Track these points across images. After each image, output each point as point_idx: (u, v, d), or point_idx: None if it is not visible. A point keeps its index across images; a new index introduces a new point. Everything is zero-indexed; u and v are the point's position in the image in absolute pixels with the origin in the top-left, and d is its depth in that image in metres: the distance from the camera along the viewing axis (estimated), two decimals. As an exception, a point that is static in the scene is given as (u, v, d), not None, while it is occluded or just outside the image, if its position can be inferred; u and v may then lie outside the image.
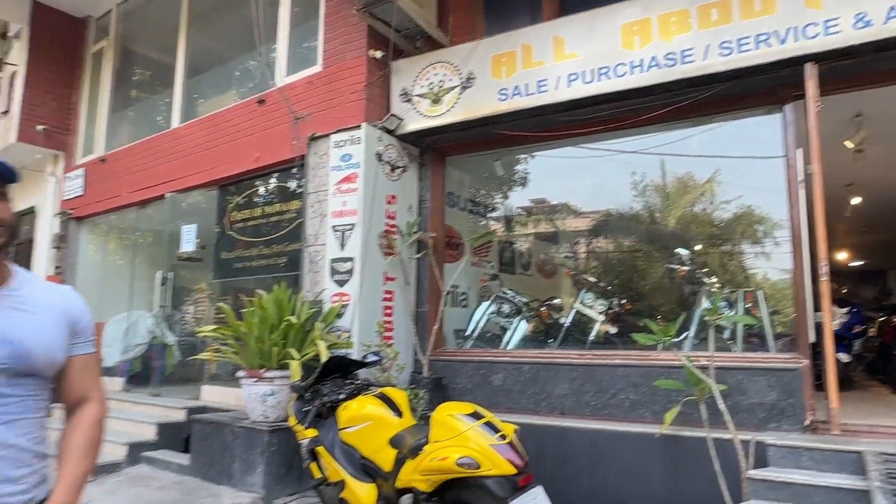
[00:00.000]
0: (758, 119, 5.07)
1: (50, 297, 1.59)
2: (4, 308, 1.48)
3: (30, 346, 1.47)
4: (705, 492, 4.17)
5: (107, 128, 9.79)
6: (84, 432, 1.62)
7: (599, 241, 7.86)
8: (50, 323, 1.54)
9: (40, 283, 1.63)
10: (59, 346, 1.55)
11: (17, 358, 1.45)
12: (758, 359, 4.62)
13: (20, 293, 1.53)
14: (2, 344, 1.43)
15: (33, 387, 1.50)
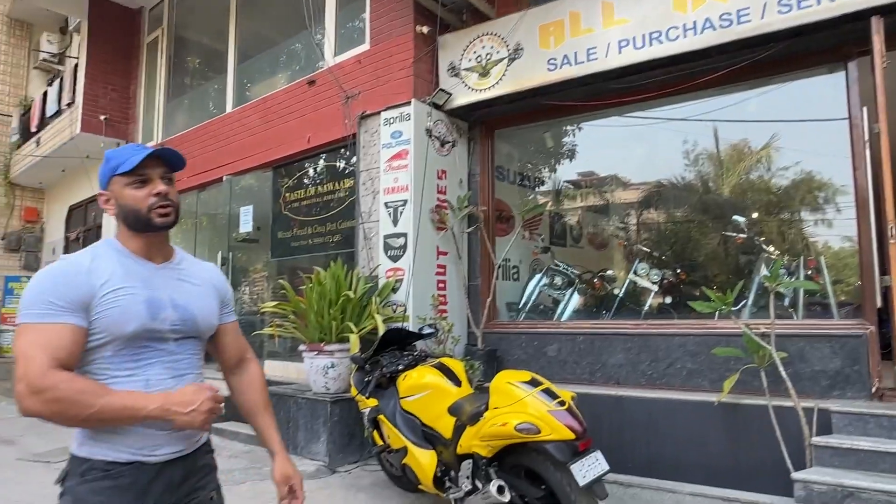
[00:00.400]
0: (819, 79, 4.89)
1: (203, 271, 1.82)
2: (173, 279, 1.69)
3: (194, 312, 1.69)
4: (766, 459, 4.14)
5: (164, 115, 10.15)
6: (262, 389, 1.92)
7: (652, 211, 7.73)
8: (207, 293, 1.77)
9: (195, 260, 1.84)
10: (214, 313, 1.78)
11: (185, 322, 1.66)
12: (821, 325, 4.51)
13: (182, 267, 1.74)
14: (174, 309, 1.63)
15: (194, 347, 1.71)
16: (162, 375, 1.59)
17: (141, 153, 1.59)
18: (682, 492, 4.25)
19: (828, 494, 3.57)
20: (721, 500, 4.10)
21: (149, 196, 1.60)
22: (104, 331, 1.52)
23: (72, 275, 1.51)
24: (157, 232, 1.64)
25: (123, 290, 1.55)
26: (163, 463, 1.57)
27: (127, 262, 1.61)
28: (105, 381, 1.52)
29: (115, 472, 1.51)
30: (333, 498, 4.57)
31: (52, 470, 5.63)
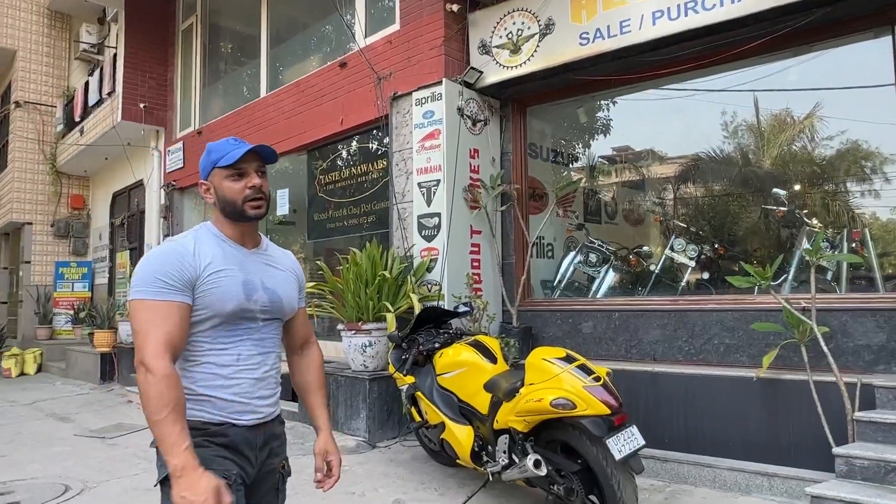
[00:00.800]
0: (864, 44, 4.71)
1: (286, 259, 1.99)
2: (262, 264, 1.86)
3: (281, 295, 1.86)
4: (806, 434, 4.10)
5: (200, 101, 10.34)
6: (319, 371, 2.09)
7: (689, 186, 7.59)
8: (290, 278, 1.94)
9: (277, 247, 2.00)
10: (295, 298, 1.95)
11: (273, 304, 1.83)
12: (865, 299, 4.41)
13: (269, 253, 1.92)
14: (265, 291, 1.81)
15: (276, 328, 1.89)
16: (251, 351, 1.78)
17: (241, 149, 1.74)
18: (720, 467, 4.24)
19: (870, 469, 3.53)
20: (760, 475, 4.08)
21: (244, 189, 1.75)
22: (206, 308, 1.69)
23: (180, 256, 1.68)
24: (251, 222, 1.81)
25: (224, 273, 1.72)
26: (247, 427, 1.76)
27: (224, 246, 1.78)
28: (201, 351, 1.72)
29: (211, 431, 1.70)
30: (373, 472, 4.70)
31: (107, 445, 5.91)
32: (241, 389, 1.75)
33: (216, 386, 1.72)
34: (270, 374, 1.84)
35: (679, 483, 4.36)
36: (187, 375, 1.71)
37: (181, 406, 1.56)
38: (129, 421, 7.00)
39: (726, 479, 4.21)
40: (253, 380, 1.78)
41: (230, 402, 1.73)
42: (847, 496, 3.38)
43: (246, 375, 1.76)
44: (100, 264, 13.39)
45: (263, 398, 1.81)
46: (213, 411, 1.71)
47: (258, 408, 1.78)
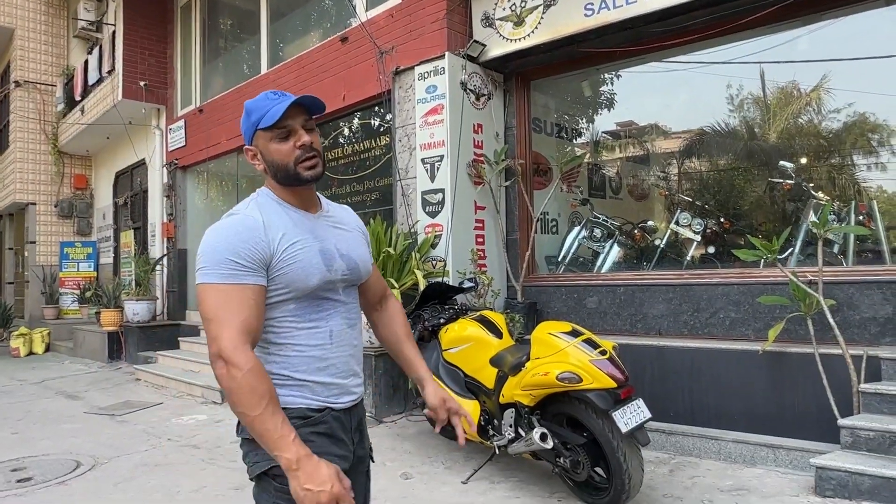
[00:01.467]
0: (875, 12, 4.62)
1: (349, 217, 1.80)
2: (331, 228, 1.67)
3: (356, 259, 1.68)
4: (811, 406, 4.11)
5: (201, 79, 10.25)
6: (403, 322, 1.92)
7: (694, 160, 7.53)
8: (359, 238, 1.76)
9: (336, 205, 1.80)
10: (368, 257, 1.77)
11: (352, 270, 1.66)
12: (872, 272, 4.38)
13: (332, 214, 1.72)
14: (341, 258, 1.63)
15: (356, 294, 1.75)
16: (342, 325, 1.63)
17: (281, 104, 1.53)
18: (725, 439, 4.27)
19: (875, 440, 3.54)
20: (765, 447, 4.10)
21: (294, 149, 1.56)
22: (287, 286, 1.52)
23: (251, 231, 1.49)
24: (308, 185, 1.60)
25: (300, 244, 1.54)
26: (345, 409, 1.63)
27: (291, 213, 1.60)
28: (289, 334, 1.55)
29: (313, 419, 1.55)
30: (380, 447, 4.74)
31: (117, 422, 5.97)
32: (336, 370, 1.60)
33: (313, 369, 1.56)
34: (359, 347, 1.70)
35: (684, 455, 4.39)
36: (278, 361, 1.55)
37: (275, 396, 1.42)
38: (137, 398, 7.06)
39: (731, 452, 4.24)
40: (347, 356, 1.63)
41: (327, 384, 1.58)
42: (852, 467, 3.40)
43: (340, 353, 1.61)
44: (104, 244, 13.41)
45: (355, 375, 1.67)
46: (311, 396, 1.56)
47: (352, 388, 1.65)
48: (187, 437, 5.35)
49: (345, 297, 1.65)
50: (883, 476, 3.29)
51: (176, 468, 4.50)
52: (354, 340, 1.67)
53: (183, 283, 10.36)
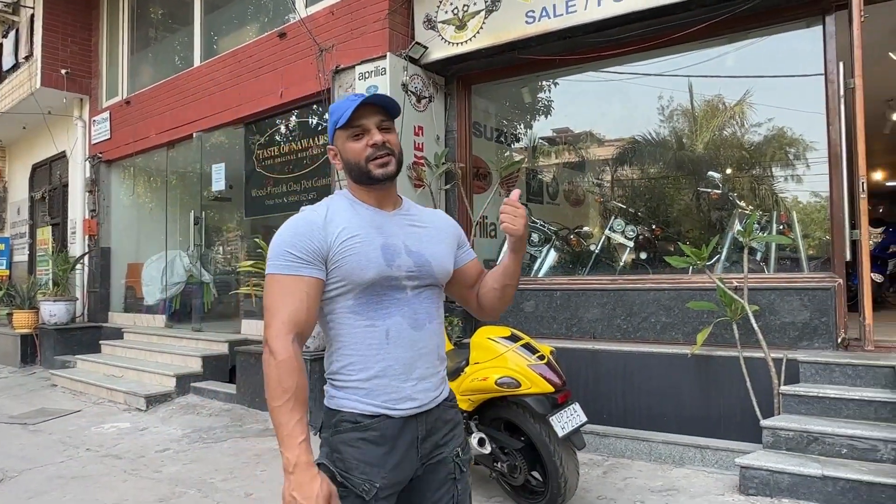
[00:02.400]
0: (797, 33, 4.88)
1: (434, 216, 1.77)
2: (405, 225, 1.66)
3: (428, 257, 1.64)
4: (736, 408, 4.29)
5: (128, 69, 9.78)
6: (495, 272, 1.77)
7: (627, 168, 7.75)
8: (439, 237, 1.71)
9: (420, 207, 1.78)
10: (448, 258, 1.71)
11: (421, 268, 1.61)
12: (791, 279, 4.62)
13: (412, 213, 1.71)
14: (409, 255, 1.60)
15: (431, 296, 1.67)
16: (402, 325, 1.57)
17: (353, 103, 1.57)
18: (655, 440, 4.39)
19: (794, 440, 3.72)
20: (693, 448, 4.25)
21: (366, 147, 1.58)
22: (343, 279, 1.53)
23: (310, 225, 1.54)
24: (380, 184, 1.61)
25: (359, 237, 1.54)
26: (406, 417, 1.56)
27: (360, 209, 1.61)
28: (346, 331, 1.55)
29: (363, 425, 1.53)
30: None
31: (29, 431, 5.59)
32: (394, 372, 1.55)
33: (368, 369, 1.54)
34: (428, 351, 1.61)
35: (617, 457, 4.49)
36: (337, 359, 1.57)
37: (301, 393, 1.43)
38: (53, 406, 6.64)
39: (661, 452, 4.37)
40: (408, 359, 1.57)
41: (383, 388, 1.54)
42: (773, 465, 3.56)
43: (398, 354, 1.56)
44: (18, 241, 12.59)
45: (422, 380, 1.59)
46: (366, 400, 1.53)
47: (415, 393, 1.57)
48: (108, 446, 5.06)
49: (413, 298, 1.61)
50: (801, 474, 3.47)
51: (94, 480, 4.25)
52: (420, 343, 1.60)
53: (106, 282, 9.84)
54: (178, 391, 6.58)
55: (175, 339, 7.83)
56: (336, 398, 1.56)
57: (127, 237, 10.07)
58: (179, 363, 7.11)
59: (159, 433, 5.44)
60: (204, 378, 6.80)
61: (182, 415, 6.01)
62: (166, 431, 5.49)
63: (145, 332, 8.41)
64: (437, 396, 1.63)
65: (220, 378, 6.90)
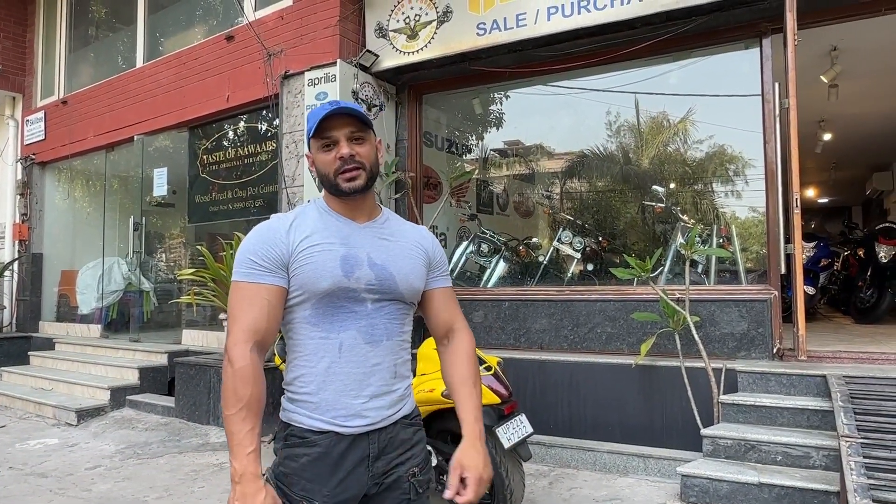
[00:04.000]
0: (736, 54, 5.07)
1: (408, 232, 1.71)
2: (373, 237, 1.61)
3: (392, 272, 1.58)
4: (678, 417, 4.38)
5: (66, 68, 9.38)
6: (467, 363, 1.71)
7: (575, 181, 7.89)
8: (412, 253, 1.65)
9: (402, 220, 1.74)
10: (417, 275, 1.64)
11: (382, 282, 1.56)
12: (731, 291, 4.77)
13: (386, 226, 1.66)
14: (371, 267, 1.55)
15: (395, 312, 1.60)
16: (356, 339, 1.53)
17: (324, 111, 1.53)
18: (600, 450, 4.44)
19: (732, 448, 3.82)
20: (636, 457, 4.31)
21: (335, 160, 1.54)
22: (300, 287, 1.50)
23: (273, 233, 1.53)
24: (348, 196, 1.56)
25: (320, 247, 1.52)
26: (356, 435, 1.52)
27: (329, 219, 1.59)
28: (302, 341, 1.53)
29: (310, 440, 1.50)
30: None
31: (-55, 449, 5.24)
32: (344, 387, 1.50)
33: (318, 383, 1.50)
34: (382, 368, 1.56)
35: (563, 467, 4.51)
36: (291, 370, 1.54)
37: (255, 403, 1.42)
38: (-26, 421, 6.25)
39: (606, 462, 4.41)
40: (359, 375, 1.52)
41: (332, 403, 1.50)
42: (712, 474, 3.63)
43: (350, 370, 1.51)
44: (-59, 245, 11.85)
45: (374, 397, 1.54)
46: (314, 415, 1.50)
47: (366, 411, 1.52)
48: (33, 464, 4.78)
49: (373, 312, 1.56)
50: (738, 481, 3.55)
51: (17, 500, 4.00)
52: (375, 359, 1.55)
53: (37, 291, 9.35)
54: (112, 405, 6.29)
55: (111, 350, 7.49)
56: (287, 411, 1.54)
57: (61, 243, 9.62)
58: (115, 375, 6.80)
59: (90, 449, 5.18)
60: (141, 391, 6.52)
61: (116, 429, 5.74)
62: (98, 447, 5.22)
63: (79, 343, 8.02)
64: (393, 415, 1.58)
65: (158, 391, 6.63)
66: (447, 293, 1.75)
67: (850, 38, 5.58)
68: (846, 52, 5.92)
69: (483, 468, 1.56)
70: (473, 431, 1.60)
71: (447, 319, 1.74)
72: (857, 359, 4.35)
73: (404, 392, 1.63)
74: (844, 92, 6.70)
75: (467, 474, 1.55)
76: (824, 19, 4.66)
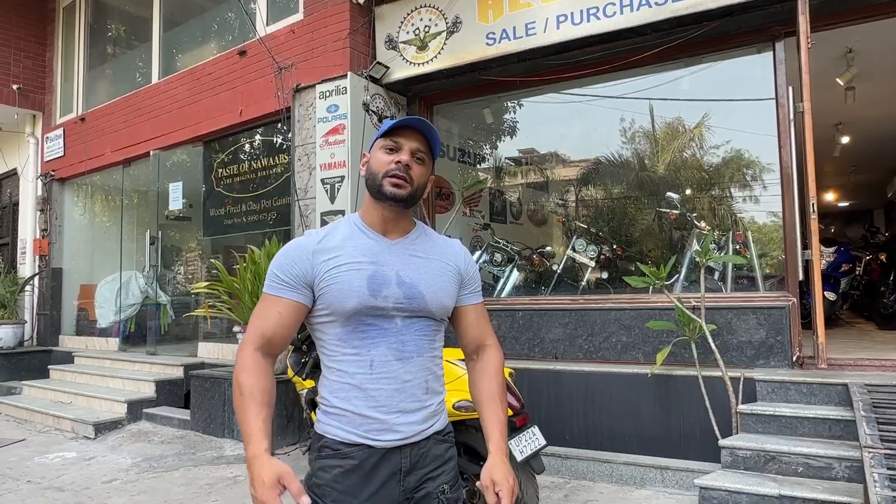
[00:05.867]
0: (749, 58, 5.01)
1: (441, 248, 1.70)
2: (405, 255, 1.62)
3: (422, 289, 1.59)
4: (696, 427, 4.30)
5: (84, 86, 9.54)
6: (493, 378, 1.72)
7: (590, 188, 7.85)
8: (439, 269, 1.65)
9: (435, 235, 1.75)
10: (447, 292, 1.65)
11: (411, 300, 1.57)
12: (747, 298, 4.68)
13: (417, 242, 1.66)
14: (399, 286, 1.56)
15: (425, 328, 1.61)
16: (387, 356, 1.55)
17: (405, 119, 1.60)
18: (616, 461, 4.37)
19: (751, 459, 3.73)
20: (654, 468, 4.24)
21: (391, 162, 1.58)
22: (327, 307, 1.54)
23: (300, 251, 1.56)
24: (387, 202, 1.57)
25: (347, 266, 1.54)
26: (389, 449, 1.54)
27: (359, 236, 1.61)
28: (335, 358, 1.56)
29: (343, 452, 1.53)
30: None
31: (-35, 464, 5.30)
32: (376, 403, 1.52)
33: (351, 398, 1.53)
34: (414, 384, 1.57)
35: (579, 479, 4.45)
36: (325, 384, 1.58)
37: (260, 394, 1.47)
38: (-6, 435, 6.33)
39: (622, 474, 4.35)
40: (391, 391, 1.54)
41: (366, 417, 1.52)
42: (731, 486, 3.55)
43: (383, 386, 1.53)
44: (-35, 261, 12.08)
45: (405, 413, 1.55)
46: (348, 428, 1.52)
47: (398, 425, 1.54)
48: (51, 478, 4.82)
49: (403, 329, 1.57)
50: (758, 493, 3.47)
51: (34, 515, 4.03)
52: (407, 375, 1.56)
53: (57, 305, 9.48)
54: (129, 418, 6.33)
55: (128, 363, 7.56)
56: (322, 423, 1.58)
57: (80, 257, 9.75)
58: (132, 388, 6.85)
59: (107, 463, 5.21)
60: (157, 404, 6.56)
61: (133, 443, 5.78)
62: (115, 461, 5.26)
63: (97, 356, 8.10)
64: (425, 430, 1.59)
65: (174, 403, 6.67)
66: (478, 310, 1.75)
67: (865, 40, 5.50)
68: (862, 54, 5.83)
69: (513, 482, 1.58)
70: (500, 448, 1.61)
71: (477, 336, 1.75)
72: (880, 366, 4.25)
73: (437, 408, 1.64)
74: (861, 94, 6.60)
75: (500, 488, 1.55)
76: (838, 22, 4.59)
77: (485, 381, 1.71)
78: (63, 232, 9.59)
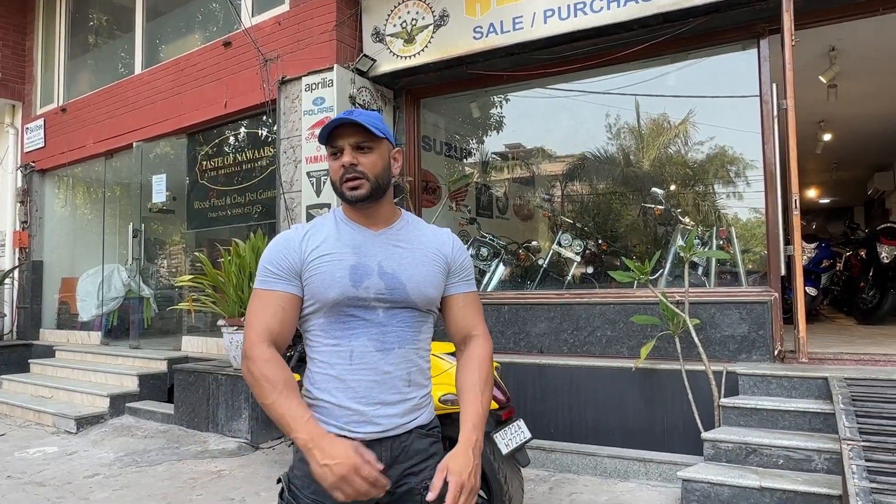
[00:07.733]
0: (734, 55, 5.05)
1: (427, 237, 1.68)
2: (386, 245, 1.61)
3: (404, 280, 1.57)
4: (679, 421, 4.35)
5: (65, 76, 9.40)
6: (478, 368, 1.66)
7: (575, 183, 7.87)
8: (423, 259, 1.63)
9: (422, 225, 1.72)
10: (431, 282, 1.62)
11: (393, 290, 1.56)
12: (730, 293, 4.73)
13: (401, 233, 1.64)
14: (381, 276, 1.55)
15: (408, 319, 1.59)
16: (367, 347, 1.54)
17: (332, 123, 1.55)
18: (600, 455, 4.41)
19: (733, 452, 3.78)
20: (637, 461, 4.28)
21: (340, 168, 1.56)
22: (311, 297, 1.54)
23: (287, 243, 1.57)
24: (355, 205, 1.58)
25: (330, 257, 1.54)
26: (368, 441, 1.50)
27: (343, 228, 1.61)
28: (317, 348, 1.56)
29: None
30: (255, 475, 4.46)
31: (-56, 459, 5.22)
32: (355, 394, 1.51)
33: (330, 388, 1.52)
34: (395, 375, 1.55)
35: (563, 472, 4.48)
36: (308, 376, 1.58)
37: (290, 381, 1.45)
38: (-27, 430, 6.24)
39: (607, 467, 4.38)
40: (370, 382, 1.52)
41: (345, 408, 1.51)
42: (713, 478, 3.60)
43: (361, 377, 1.52)
44: (-58, 253, 11.87)
45: (385, 405, 1.53)
46: (327, 420, 1.51)
47: (377, 418, 1.52)
48: (32, 472, 4.77)
49: (385, 320, 1.56)
50: (740, 486, 3.51)
51: (14, 510, 3.99)
52: (387, 367, 1.54)
53: (38, 298, 9.35)
54: (112, 412, 6.28)
55: (111, 357, 7.48)
56: None
57: (62, 250, 9.62)
58: (114, 382, 6.79)
59: (89, 457, 5.16)
60: (140, 398, 6.51)
61: (115, 437, 5.72)
62: (97, 455, 5.21)
63: (79, 350, 8.01)
64: (407, 423, 1.57)
65: (158, 398, 6.61)
66: (468, 299, 1.71)
67: (848, 39, 5.56)
68: (845, 52, 5.90)
69: (468, 476, 1.48)
70: (468, 438, 1.54)
71: (465, 326, 1.70)
72: (858, 360, 4.32)
73: (420, 401, 1.61)
74: (844, 92, 6.68)
75: (450, 478, 1.47)
76: (822, 19, 4.64)
77: (467, 370, 1.66)
78: (44, 224, 9.46)
